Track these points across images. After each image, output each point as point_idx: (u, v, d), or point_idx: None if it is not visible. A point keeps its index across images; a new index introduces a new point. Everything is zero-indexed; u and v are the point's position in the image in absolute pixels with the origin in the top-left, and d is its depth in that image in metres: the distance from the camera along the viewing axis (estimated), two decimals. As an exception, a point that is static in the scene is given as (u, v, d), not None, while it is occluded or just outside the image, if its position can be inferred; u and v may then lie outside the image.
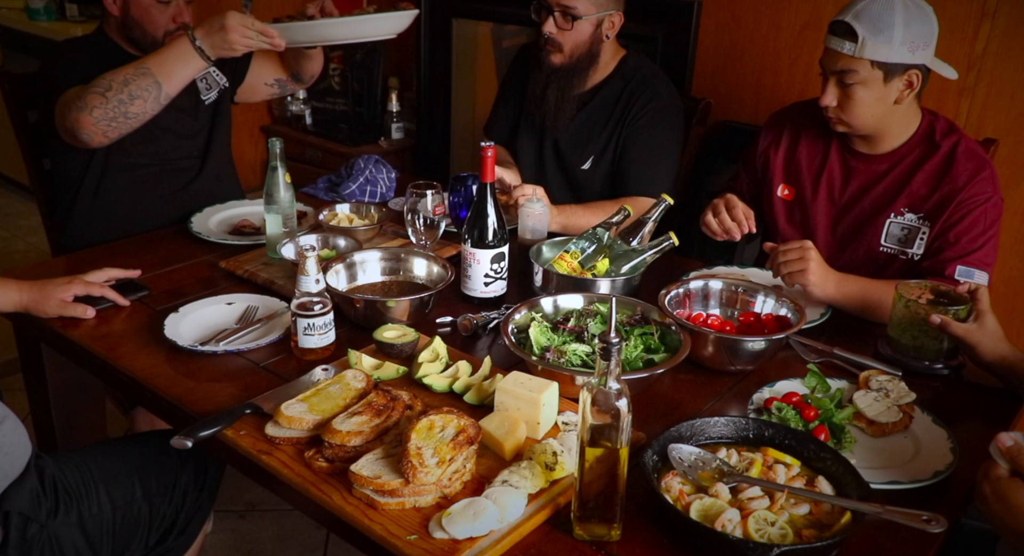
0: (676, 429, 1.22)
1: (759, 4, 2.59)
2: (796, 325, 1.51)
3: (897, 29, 1.65)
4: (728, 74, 2.70)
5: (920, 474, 1.22)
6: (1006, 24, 2.20)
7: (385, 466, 1.13)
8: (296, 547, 2.30)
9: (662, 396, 1.42)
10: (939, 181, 1.76)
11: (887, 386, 1.39)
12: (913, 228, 1.79)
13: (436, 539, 1.05)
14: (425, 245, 1.82)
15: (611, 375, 1.02)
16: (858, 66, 1.69)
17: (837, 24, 1.70)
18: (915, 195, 1.78)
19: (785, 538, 1.05)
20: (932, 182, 1.77)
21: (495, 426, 1.23)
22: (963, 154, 1.76)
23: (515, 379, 1.29)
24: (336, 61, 3.60)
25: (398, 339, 1.48)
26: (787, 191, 1.96)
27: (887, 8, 1.66)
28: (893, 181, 1.81)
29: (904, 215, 1.79)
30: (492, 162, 1.65)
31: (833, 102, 1.75)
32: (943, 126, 1.81)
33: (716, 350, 1.48)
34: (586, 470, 1.05)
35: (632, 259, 1.73)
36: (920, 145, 1.80)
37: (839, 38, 1.69)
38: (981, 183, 1.73)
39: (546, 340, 1.47)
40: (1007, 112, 2.25)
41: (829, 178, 1.90)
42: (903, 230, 1.80)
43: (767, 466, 1.17)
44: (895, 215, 1.80)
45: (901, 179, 1.80)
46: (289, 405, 1.25)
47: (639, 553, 1.07)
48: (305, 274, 1.45)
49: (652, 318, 1.52)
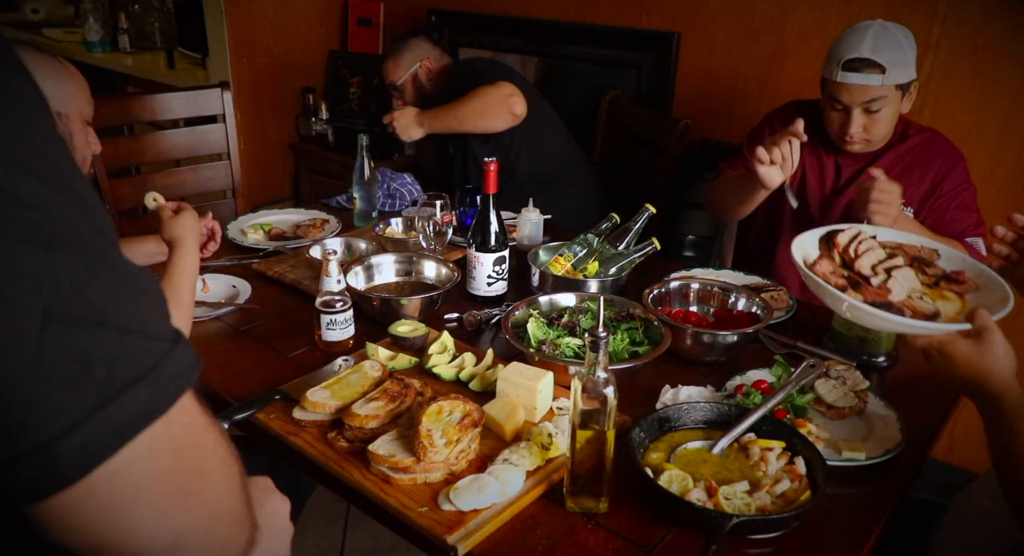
0: (663, 412, 1.22)
1: (731, 36, 2.59)
2: (764, 321, 1.51)
3: (907, 50, 1.66)
4: (705, 97, 2.70)
5: (872, 452, 1.22)
6: (947, 55, 2.21)
7: (399, 446, 1.13)
8: (321, 518, 2.30)
9: (646, 384, 1.42)
10: (921, 172, 1.76)
11: (844, 374, 1.39)
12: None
13: (444, 510, 1.05)
14: (434, 249, 1.82)
15: (599, 365, 1.02)
16: (886, 92, 1.67)
17: (858, 62, 1.64)
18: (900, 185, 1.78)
19: (749, 508, 1.05)
20: (913, 173, 1.77)
21: (496, 410, 1.23)
22: (941, 146, 1.77)
23: (514, 369, 1.29)
24: (355, 86, 3.60)
25: (410, 333, 1.48)
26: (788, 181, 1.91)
27: (891, 35, 1.65)
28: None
29: None
30: (494, 175, 1.65)
31: (860, 131, 1.72)
32: (915, 125, 1.82)
33: (694, 343, 1.48)
34: (577, 450, 1.05)
35: (619, 262, 1.73)
36: (898, 142, 1.81)
37: (864, 73, 1.64)
38: (962, 173, 1.75)
39: (542, 334, 1.47)
40: (948, 132, 2.22)
41: (823, 173, 1.89)
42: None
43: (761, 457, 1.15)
44: None
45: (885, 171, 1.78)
46: (314, 392, 1.25)
47: (624, 522, 1.07)
48: (328, 275, 1.45)
49: (637, 314, 1.52)
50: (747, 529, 1.03)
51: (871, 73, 1.64)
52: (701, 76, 2.69)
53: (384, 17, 3.59)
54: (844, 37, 1.71)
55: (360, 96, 3.60)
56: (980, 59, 2.17)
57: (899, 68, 1.65)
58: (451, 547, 1.00)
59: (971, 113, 2.21)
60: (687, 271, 1.88)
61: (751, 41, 2.54)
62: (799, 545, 1.05)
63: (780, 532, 1.05)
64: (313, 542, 2.25)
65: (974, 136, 2.22)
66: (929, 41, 2.22)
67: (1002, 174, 2.20)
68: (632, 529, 1.06)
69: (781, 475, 1.11)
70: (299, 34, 3.58)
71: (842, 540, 1.07)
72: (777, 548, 1.04)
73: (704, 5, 2.62)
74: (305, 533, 2.26)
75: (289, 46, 3.57)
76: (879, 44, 1.64)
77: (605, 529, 1.06)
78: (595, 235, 1.78)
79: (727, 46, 2.61)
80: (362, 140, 2.04)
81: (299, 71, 3.64)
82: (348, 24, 3.67)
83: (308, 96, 3.62)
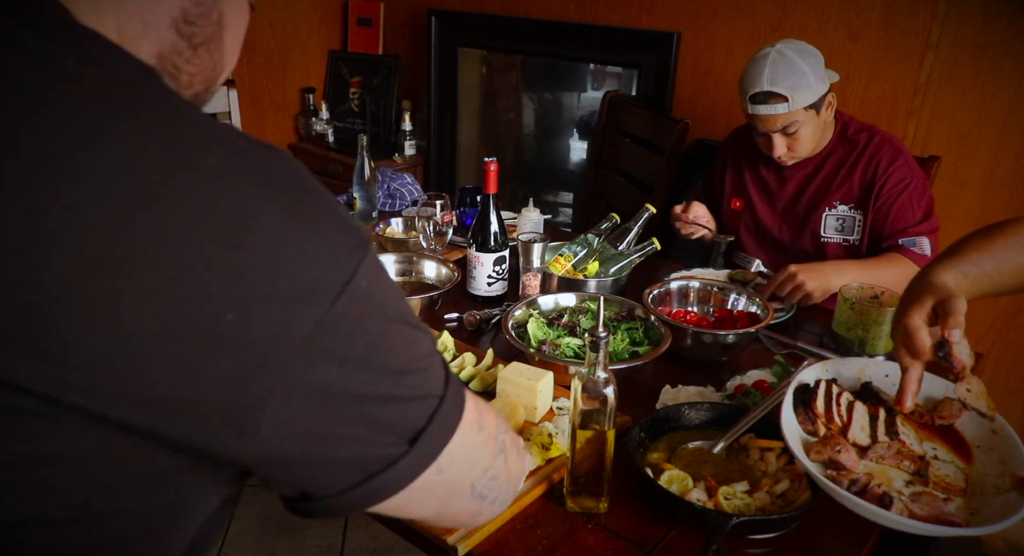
0: (663, 412, 1.22)
1: (731, 36, 2.59)
2: (764, 321, 1.51)
3: (808, 73, 1.70)
4: (704, 97, 2.70)
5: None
6: (947, 55, 2.21)
7: None
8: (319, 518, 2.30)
9: (646, 383, 1.42)
10: (862, 172, 1.80)
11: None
12: (848, 218, 1.83)
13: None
14: (435, 249, 1.82)
15: (599, 365, 1.02)
16: (797, 116, 1.73)
17: (760, 95, 1.72)
18: (842, 188, 1.82)
19: (749, 508, 1.05)
20: (856, 174, 1.80)
21: (497, 410, 1.23)
22: (878, 144, 1.79)
23: (515, 369, 1.29)
24: (355, 86, 3.60)
25: (411, 333, 1.48)
26: (738, 203, 2.00)
27: (787, 61, 1.70)
28: (822, 180, 1.85)
29: (837, 207, 1.83)
30: (494, 175, 1.65)
31: (785, 151, 1.80)
32: (856, 124, 1.84)
33: (694, 343, 1.48)
34: (577, 450, 1.05)
35: (619, 262, 1.73)
36: (840, 144, 1.84)
37: (770, 104, 1.71)
38: (900, 169, 1.76)
39: (543, 334, 1.47)
40: (948, 132, 2.26)
41: (768, 187, 1.94)
42: (838, 220, 1.84)
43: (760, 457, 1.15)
44: (829, 208, 1.84)
45: (828, 177, 1.84)
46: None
47: (624, 522, 1.07)
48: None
49: (637, 314, 1.52)
50: (747, 529, 1.03)
51: (776, 103, 1.71)
52: (700, 75, 2.69)
53: (384, 17, 3.59)
54: (746, 70, 1.76)
55: (360, 97, 3.60)
56: (980, 59, 2.17)
57: (801, 91, 1.70)
58: (451, 547, 1.00)
59: (971, 113, 2.21)
60: (687, 271, 1.88)
61: (751, 41, 2.54)
62: (799, 545, 1.04)
63: (780, 532, 1.05)
64: (313, 542, 2.25)
65: (974, 136, 2.22)
66: (929, 41, 2.22)
67: (1002, 174, 2.20)
68: (632, 529, 1.06)
69: (781, 475, 1.11)
70: (299, 34, 3.58)
71: (842, 540, 1.07)
72: (777, 548, 1.04)
73: (704, 5, 2.62)
74: (305, 533, 2.26)
75: (289, 46, 3.57)
76: (776, 74, 1.69)
77: (605, 529, 1.06)
78: (595, 235, 1.78)
79: (727, 46, 2.61)
80: (362, 140, 2.04)
81: (299, 71, 3.64)
82: (348, 24, 3.67)
83: (308, 96, 3.63)
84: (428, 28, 3.30)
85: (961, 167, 2.25)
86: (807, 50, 1.74)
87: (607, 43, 2.88)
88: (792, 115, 1.72)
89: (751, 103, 1.74)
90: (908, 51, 2.25)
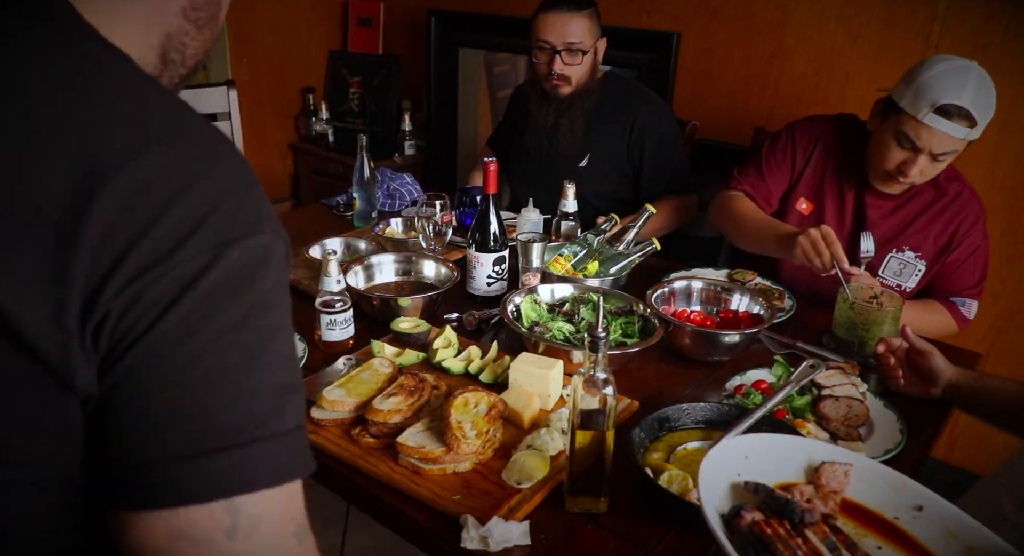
0: (663, 412, 1.22)
1: (731, 36, 2.59)
2: (768, 322, 1.51)
3: (993, 108, 1.53)
4: (705, 97, 2.70)
5: (873, 452, 1.22)
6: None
7: (427, 437, 1.15)
8: (321, 518, 2.30)
9: (648, 382, 1.42)
10: (943, 226, 1.70)
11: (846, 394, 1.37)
12: (910, 264, 1.73)
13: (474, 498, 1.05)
14: (434, 249, 1.82)
15: (599, 365, 1.02)
16: (962, 146, 1.54)
17: (952, 108, 1.49)
18: (918, 235, 1.72)
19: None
20: (935, 225, 1.70)
21: (513, 400, 1.26)
22: (966, 201, 1.69)
23: (525, 359, 1.32)
24: (355, 86, 3.60)
25: (413, 329, 1.49)
26: (806, 205, 1.83)
27: (989, 88, 1.52)
28: (901, 218, 1.73)
29: (904, 252, 1.73)
30: (494, 175, 1.65)
31: (919, 175, 1.59)
32: (948, 171, 1.67)
33: (697, 342, 1.48)
34: (576, 450, 1.05)
35: (619, 261, 1.73)
36: (928, 187, 1.70)
37: (954, 122, 1.50)
38: (977, 232, 1.69)
39: (535, 316, 1.50)
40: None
41: (843, 202, 1.79)
42: (900, 265, 1.74)
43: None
44: (896, 251, 1.74)
45: (908, 218, 1.72)
46: (329, 390, 1.26)
47: (624, 522, 1.07)
48: (328, 275, 1.45)
49: (637, 310, 1.52)
50: (747, 529, 1.02)
51: (960, 123, 1.50)
52: (701, 76, 2.69)
53: (384, 17, 3.59)
54: (943, 77, 1.52)
55: (360, 96, 3.61)
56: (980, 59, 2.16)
57: (983, 123, 1.52)
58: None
59: (971, 113, 2.20)
60: (687, 271, 1.88)
61: (751, 41, 2.54)
62: (799, 545, 1.04)
63: (780, 532, 1.05)
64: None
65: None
66: (929, 41, 2.21)
67: (1002, 174, 2.20)
68: (632, 529, 1.06)
69: None
70: (299, 34, 3.58)
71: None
72: (777, 548, 1.04)
73: (704, 5, 2.62)
74: (305, 533, 2.26)
75: (289, 46, 3.57)
76: (980, 94, 1.49)
77: (605, 529, 1.06)
78: (595, 235, 1.78)
79: (727, 46, 2.61)
80: (362, 140, 2.04)
81: (299, 71, 3.64)
82: (348, 24, 3.67)
83: (308, 96, 3.63)
84: (428, 28, 3.30)
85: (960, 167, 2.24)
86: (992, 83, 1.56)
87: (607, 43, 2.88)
88: (962, 143, 1.53)
89: (934, 112, 1.50)
90: (908, 51, 2.25)
